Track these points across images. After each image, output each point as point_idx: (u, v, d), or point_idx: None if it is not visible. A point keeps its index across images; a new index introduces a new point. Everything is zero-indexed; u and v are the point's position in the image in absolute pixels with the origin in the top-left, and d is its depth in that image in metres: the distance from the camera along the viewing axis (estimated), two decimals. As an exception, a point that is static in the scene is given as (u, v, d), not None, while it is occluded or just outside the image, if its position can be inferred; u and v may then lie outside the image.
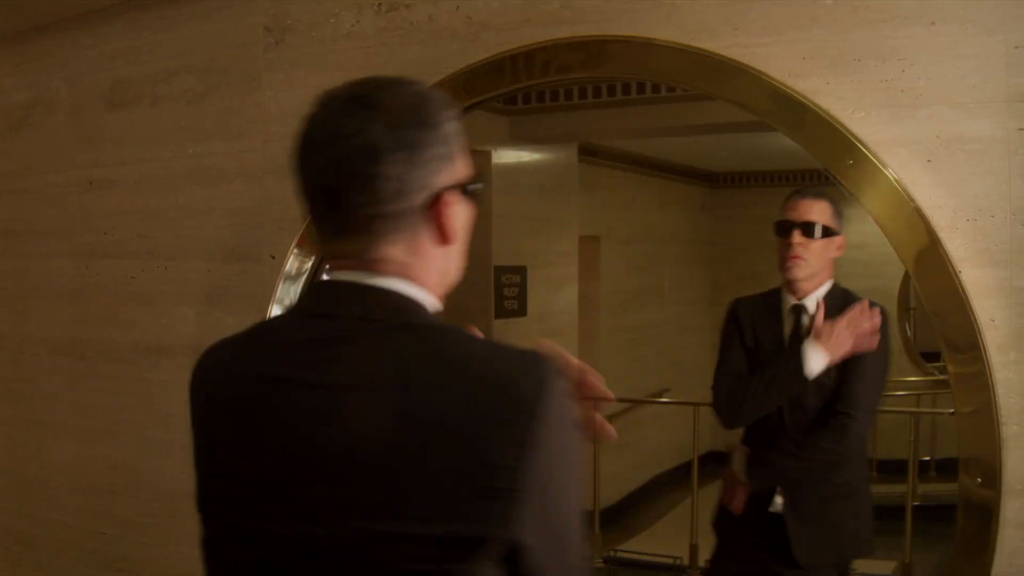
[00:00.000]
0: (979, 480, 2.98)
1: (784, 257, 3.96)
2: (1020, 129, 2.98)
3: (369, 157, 1.78)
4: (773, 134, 3.43)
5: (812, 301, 3.97)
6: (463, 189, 1.92)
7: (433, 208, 1.85)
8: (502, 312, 7.74)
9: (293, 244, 4.08)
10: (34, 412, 5.30)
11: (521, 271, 7.90)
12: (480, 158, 7.30)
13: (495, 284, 7.70)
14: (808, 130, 3.24)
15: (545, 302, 8.15)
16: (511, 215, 7.75)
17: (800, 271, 3.94)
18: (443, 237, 1.89)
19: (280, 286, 4.13)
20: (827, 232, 3.92)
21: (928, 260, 3.06)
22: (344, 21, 4.13)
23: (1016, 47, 2.99)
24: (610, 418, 6.72)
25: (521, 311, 7.92)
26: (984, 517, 2.99)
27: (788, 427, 3.92)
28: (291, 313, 1.98)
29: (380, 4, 4.06)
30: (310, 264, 4.07)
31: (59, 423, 5.22)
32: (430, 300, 1.90)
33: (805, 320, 3.97)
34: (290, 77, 4.27)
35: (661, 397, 6.06)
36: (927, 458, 7.18)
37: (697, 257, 4.14)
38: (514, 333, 7.91)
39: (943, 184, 3.07)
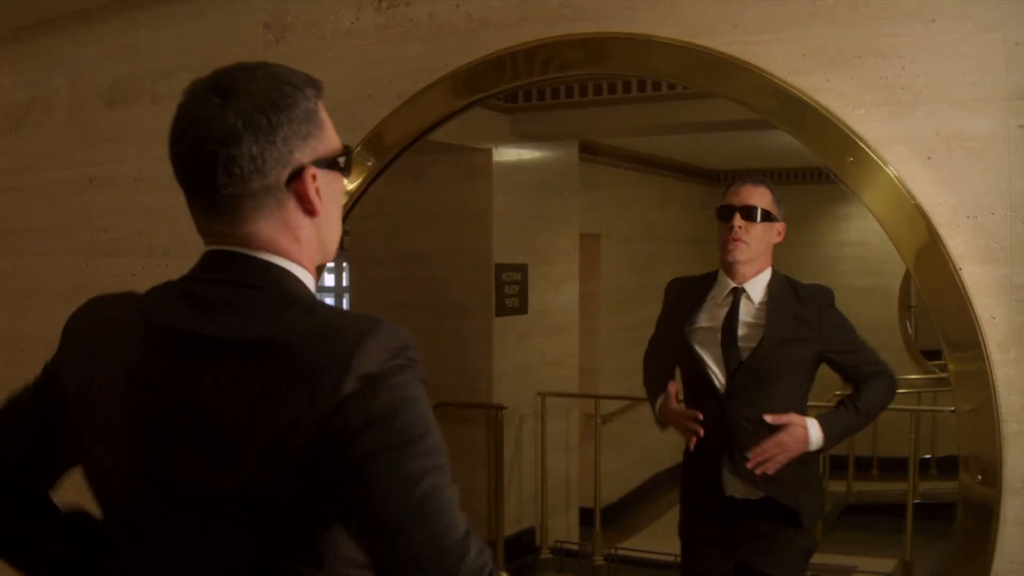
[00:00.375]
0: (979, 478, 2.98)
1: (725, 240, 4.08)
2: (1020, 126, 2.97)
3: (226, 140, 1.87)
4: (773, 132, 3.43)
5: (752, 286, 4.10)
6: (328, 163, 2.01)
7: (295, 183, 1.94)
8: (503, 310, 7.75)
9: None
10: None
11: (522, 269, 7.91)
12: (481, 156, 7.33)
13: (496, 282, 7.70)
14: (809, 128, 3.24)
15: (546, 300, 8.15)
16: (512, 213, 7.76)
17: (741, 254, 4.06)
18: (308, 209, 1.98)
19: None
20: (767, 217, 4.04)
21: (928, 257, 3.05)
22: (344, 18, 4.13)
23: (1016, 44, 2.99)
24: (611, 417, 6.71)
25: (522, 309, 7.92)
26: (984, 515, 2.99)
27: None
28: (180, 278, 2.06)
29: (380, 1, 4.05)
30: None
31: (59, 421, 5.22)
32: (300, 271, 2.00)
33: (743, 303, 4.09)
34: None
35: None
36: (928, 456, 7.17)
37: (697, 256, 4.15)
38: (515, 331, 7.92)
39: (943, 181, 3.07)
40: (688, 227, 4.45)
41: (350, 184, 3.97)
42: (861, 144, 3.14)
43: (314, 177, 1.96)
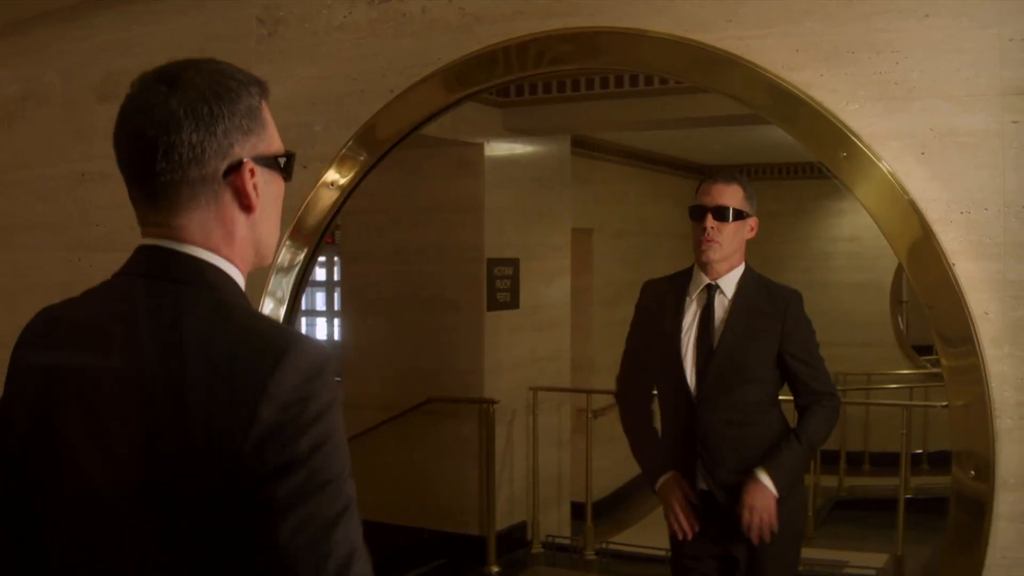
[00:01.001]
0: (972, 473, 2.98)
1: (698, 241, 4.10)
2: (1014, 122, 2.98)
3: (167, 126, 1.89)
4: (766, 127, 3.43)
5: (726, 282, 4.11)
6: (267, 161, 2.03)
7: (233, 176, 1.96)
8: (495, 304, 7.76)
9: (285, 237, 4.07)
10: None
11: (514, 263, 7.92)
12: (473, 150, 7.30)
13: (488, 276, 7.71)
14: (802, 123, 3.24)
15: (537, 295, 8.17)
16: (504, 207, 7.76)
17: (714, 254, 4.07)
18: (244, 205, 1.99)
19: (272, 278, 4.13)
20: (739, 215, 4.05)
21: (922, 253, 3.05)
22: (337, 13, 4.12)
23: (1010, 40, 2.99)
24: (602, 412, 6.66)
25: (513, 304, 7.93)
26: (977, 510, 2.99)
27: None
28: (113, 276, 2.08)
29: (373, -4, 4.05)
30: (302, 256, 4.07)
31: (51, 416, 5.21)
32: (230, 268, 2.00)
33: (717, 299, 4.11)
34: (282, 69, 4.25)
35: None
36: (919, 451, 7.18)
37: (691, 251, 4.15)
38: (507, 326, 7.92)
39: (937, 177, 3.07)
40: (681, 222, 4.45)
41: (342, 178, 3.97)
42: (855, 139, 3.14)
43: (252, 173, 1.98)
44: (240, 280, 2.01)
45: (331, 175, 3.99)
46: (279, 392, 1.74)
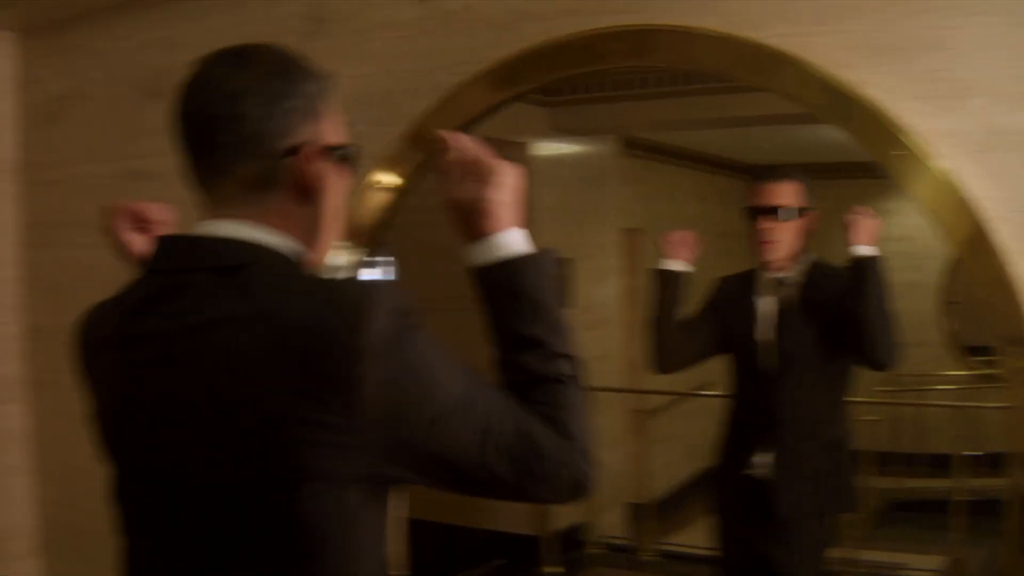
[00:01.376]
0: (1032, 476, 2.96)
1: (757, 242, 4.16)
2: (1069, 120, 2.95)
3: (232, 99, 1.87)
4: (813, 126, 3.41)
5: (791, 274, 4.15)
6: (331, 151, 1.99)
7: (295, 159, 1.91)
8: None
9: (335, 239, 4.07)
10: (78, 404, 5.31)
11: (567, 263, 7.89)
12: (516, 149, 7.29)
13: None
14: (856, 122, 3.21)
15: (587, 294, 8.15)
16: (553, 207, 7.74)
17: (773, 254, 4.13)
18: (305, 192, 1.95)
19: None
20: (796, 213, 4.10)
21: (976, 252, 3.03)
22: (382, 10, 4.11)
23: (1063, 37, 2.96)
24: (658, 411, 6.63)
25: (568, 302, 7.90)
26: (1035, 513, 2.96)
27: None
28: (148, 270, 2.07)
29: (419, -7, 4.04)
30: (354, 258, 4.07)
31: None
32: (289, 246, 1.94)
33: (783, 292, 4.16)
34: (328, 67, 4.24)
35: (703, 391, 6.05)
36: (976, 453, 7.14)
37: (740, 250, 4.15)
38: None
39: (991, 175, 3.04)
40: (728, 221, 4.46)
41: (393, 179, 3.97)
42: (909, 138, 3.11)
43: (314, 157, 1.94)
44: (299, 258, 1.96)
45: (380, 175, 3.98)
46: (370, 341, 1.72)
